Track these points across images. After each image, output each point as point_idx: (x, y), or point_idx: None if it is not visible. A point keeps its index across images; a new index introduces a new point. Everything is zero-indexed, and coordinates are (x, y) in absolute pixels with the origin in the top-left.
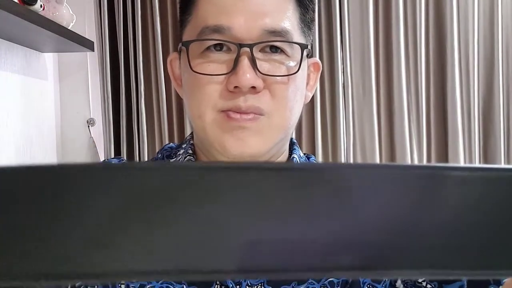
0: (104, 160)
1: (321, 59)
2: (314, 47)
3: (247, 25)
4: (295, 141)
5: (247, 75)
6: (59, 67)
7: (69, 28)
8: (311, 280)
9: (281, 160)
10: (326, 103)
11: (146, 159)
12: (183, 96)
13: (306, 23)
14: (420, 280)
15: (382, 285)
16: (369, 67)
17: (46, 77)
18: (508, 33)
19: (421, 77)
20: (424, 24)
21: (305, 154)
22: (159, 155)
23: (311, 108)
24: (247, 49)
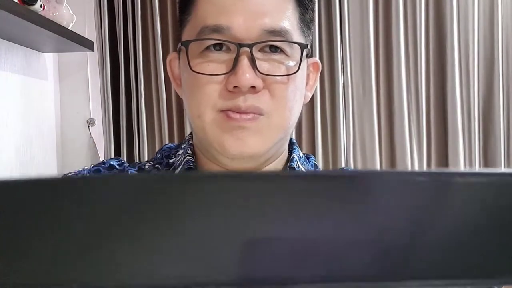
0: (103, 160)
1: (321, 59)
2: (314, 47)
3: (247, 25)
4: (295, 141)
5: (246, 75)
6: (59, 67)
7: (69, 28)
8: None
9: (281, 159)
10: (326, 103)
11: (146, 159)
12: (183, 96)
13: (305, 23)
14: None
15: None
16: (369, 67)
17: (46, 77)
18: (508, 33)
19: (421, 77)
20: (424, 24)
21: (304, 154)
22: (158, 155)
23: (311, 108)
24: (247, 49)
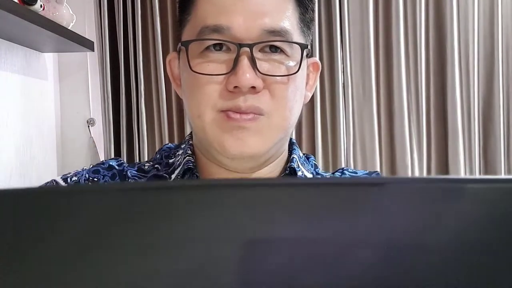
0: (102, 161)
1: (321, 59)
2: (314, 47)
3: (247, 25)
4: (295, 141)
5: (247, 75)
6: (59, 67)
7: (69, 28)
8: None
9: (281, 159)
10: (326, 103)
11: (146, 159)
12: (182, 96)
13: (305, 23)
14: None
15: None
16: (369, 67)
17: (46, 77)
18: (508, 33)
19: (421, 77)
20: (424, 24)
21: (304, 154)
22: (158, 155)
23: (311, 108)
24: (247, 49)
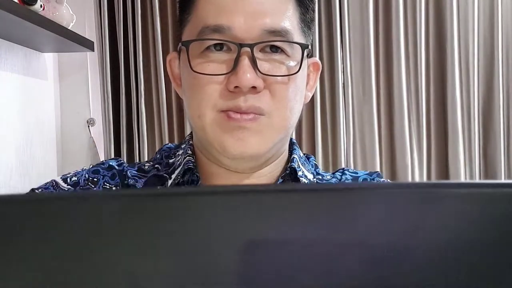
0: (102, 161)
1: (321, 58)
2: (314, 47)
3: (247, 25)
4: (295, 141)
5: (247, 75)
6: (59, 67)
7: (69, 28)
8: None
9: (281, 159)
10: (326, 103)
11: (146, 159)
12: (183, 96)
13: (306, 23)
14: None
15: None
16: (369, 66)
17: (46, 77)
18: (508, 32)
19: (421, 76)
20: (424, 23)
21: (304, 154)
22: (158, 155)
23: (311, 108)
24: (248, 49)
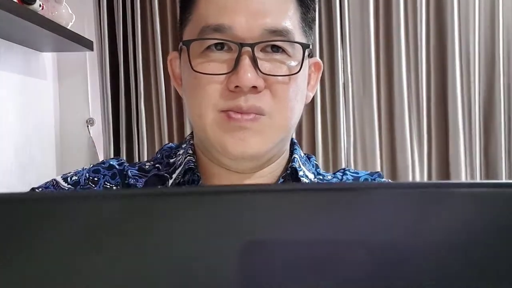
0: (102, 160)
1: (321, 58)
2: (314, 46)
3: (248, 24)
4: (296, 141)
5: (248, 75)
6: (58, 66)
7: (68, 27)
8: None
9: (282, 159)
10: (326, 102)
11: (145, 159)
12: (183, 95)
13: (307, 22)
14: None
15: None
16: (370, 66)
17: (45, 77)
18: (509, 31)
19: (422, 76)
20: (424, 23)
21: (305, 154)
22: (158, 155)
23: (311, 107)
24: (248, 49)
